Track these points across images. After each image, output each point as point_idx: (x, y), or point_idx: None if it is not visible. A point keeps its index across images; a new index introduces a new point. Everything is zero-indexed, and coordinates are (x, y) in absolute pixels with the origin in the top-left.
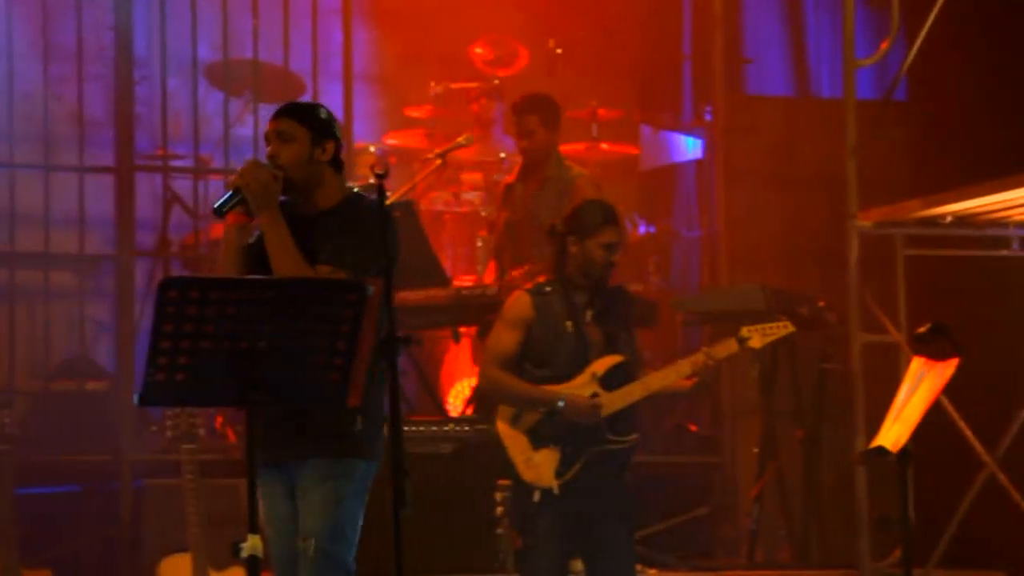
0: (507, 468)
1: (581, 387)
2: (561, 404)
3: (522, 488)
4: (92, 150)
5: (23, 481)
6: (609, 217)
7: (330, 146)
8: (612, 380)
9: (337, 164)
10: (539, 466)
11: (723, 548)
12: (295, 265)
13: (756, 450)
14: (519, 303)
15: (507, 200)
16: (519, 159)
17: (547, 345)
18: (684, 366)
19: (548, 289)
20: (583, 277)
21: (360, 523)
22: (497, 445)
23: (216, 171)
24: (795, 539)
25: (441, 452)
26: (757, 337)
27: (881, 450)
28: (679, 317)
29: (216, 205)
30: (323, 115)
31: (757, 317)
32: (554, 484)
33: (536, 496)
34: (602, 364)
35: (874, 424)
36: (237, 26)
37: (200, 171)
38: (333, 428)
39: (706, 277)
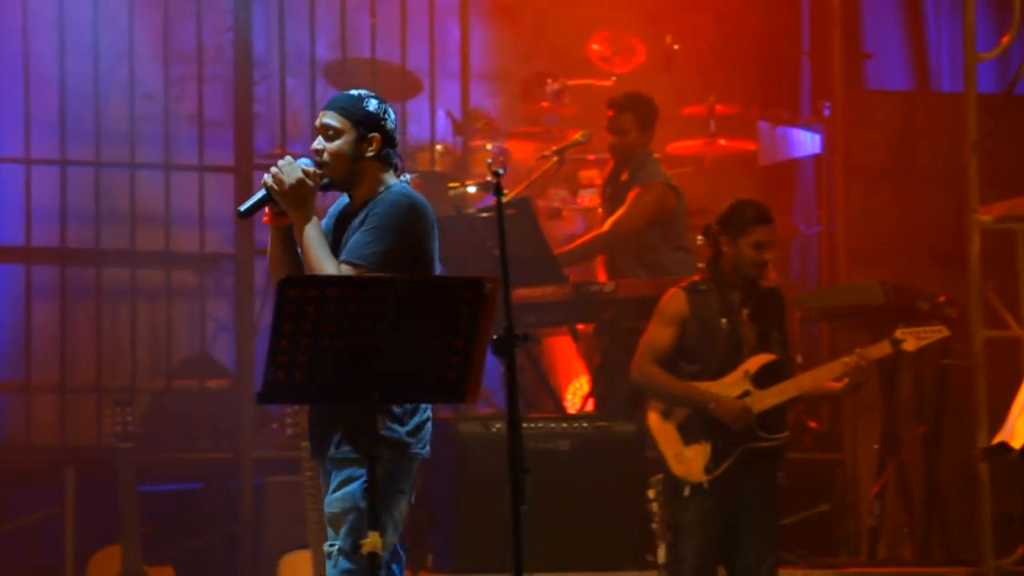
0: (629, 464)
1: (733, 384)
2: (712, 406)
3: (672, 482)
4: (212, 150)
5: (145, 478)
6: (761, 216)
7: (376, 140)
8: (764, 378)
9: (385, 159)
10: (689, 461)
11: (844, 545)
12: (318, 264)
13: (877, 447)
14: (675, 300)
15: (602, 199)
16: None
17: (701, 342)
18: (836, 367)
19: (703, 287)
20: (737, 276)
21: (394, 519)
22: (615, 441)
23: None
24: (917, 536)
25: (559, 449)
26: (912, 340)
27: (1004, 446)
28: (797, 313)
29: (240, 208)
30: (371, 107)
31: (877, 313)
32: (703, 479)
33: (686, 491)
34: (755, 362)
35: (996, 420)
36: (355, 25)
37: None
38: (356, 427)
39: (825, 273)
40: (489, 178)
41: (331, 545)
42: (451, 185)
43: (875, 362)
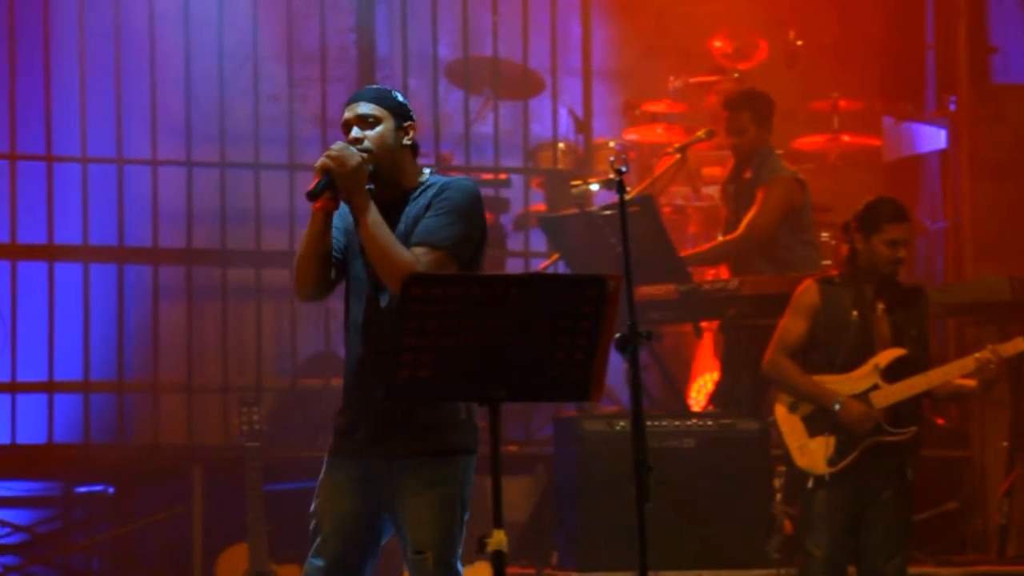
0: (753, 461)
1: (863, 378)
2: (837, 407)
3: (796, 474)
4: None
5: (271, 477)
6: (896, 214)
7: (412, 128)
8: (895, 373)
9: (415, 148)
10: (813, 453)
11: (973, 543)
12: (392, 249)
13: (1006, 444)
14: (807, 292)
15: (724, 198)
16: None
17: (831, 334)
18: (968, 363)
19: (838, 280)
20: (872, 272)
21: (466, 519)
22: (739, 439)
23: (456, 168)
24: None
25: (683, 446)
26: None
27: None
28: None
29: (309, 190)
30: (400, 98)
31: (1005, 309)
32: (826, 472)
33: (809, 483)
34: (885, 356)
35: None
36: (477, 24)
37: (441, 169)
38: (438, 420)
39: (951, 269)
40: (612, 175)
41: (419, 553)
42: (574, 183)
43: (1006, 359)
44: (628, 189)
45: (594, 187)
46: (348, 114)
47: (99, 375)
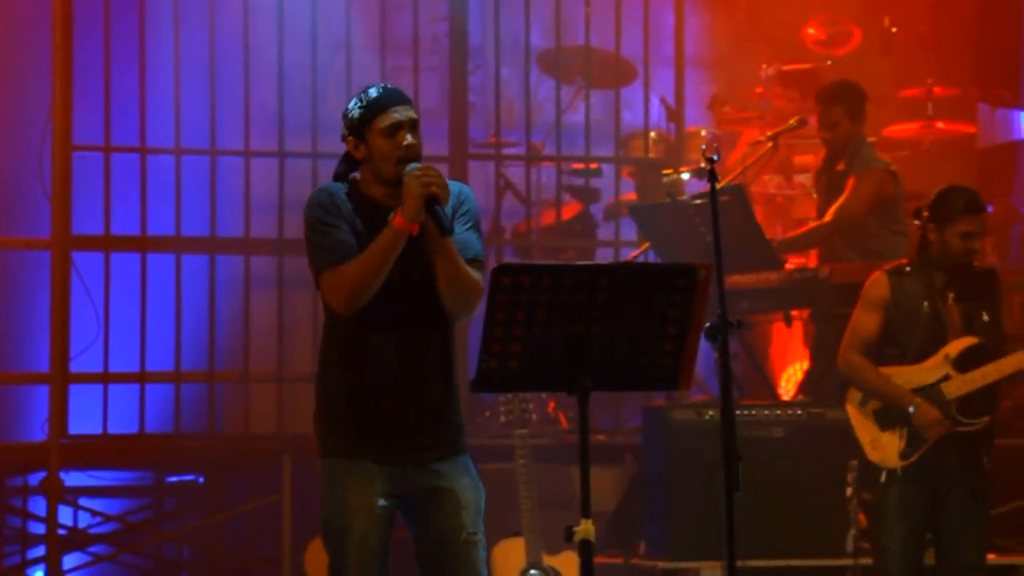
0: (843, 450)
1: (933, 368)
2: (912, 410)
3: (869, 468)
4: (426, 140)
5: None
6: (970, 206)
7: None
8: (967, 362)
9: None
10: (885, 447)
11: None
12: (465, 267)
13: None
14: (877, 284)
15: (816, 188)
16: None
17: (903, 325)
18: None
19: (908, 269)
20: (944, 261)
21: None
22: (829, 428)
23: (548, 158)
24: None
25: (773, 436)
26: None
27: None
28: (1017, 298)
29: (444, 227)
30: None
31: None
32: (898, 465)
33: (883, 477)
34: (956, 346)
35: None
36: (569, 13)
37: (532, 158)
38: (461, 419)
39: None
40: (703, 164)
41: (474, 534)
42: (664, 172)
43: None
44: (719, 178)
45: (685, 176)
46: (402, 116)
47: (190, 365)
